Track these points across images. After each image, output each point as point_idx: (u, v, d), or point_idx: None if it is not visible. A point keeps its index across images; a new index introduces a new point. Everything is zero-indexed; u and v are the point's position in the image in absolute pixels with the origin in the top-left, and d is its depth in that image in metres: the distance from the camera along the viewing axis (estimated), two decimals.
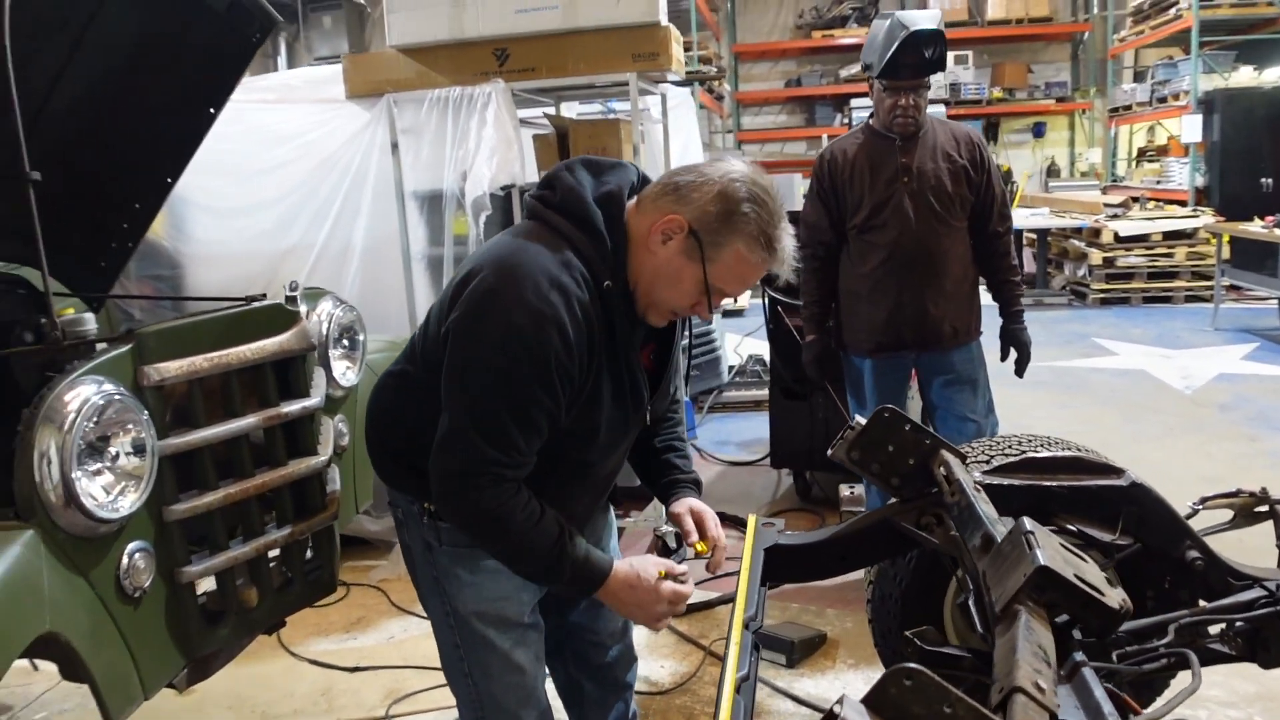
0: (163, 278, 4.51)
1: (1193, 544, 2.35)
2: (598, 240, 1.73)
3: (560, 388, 1.68)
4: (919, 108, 3.40)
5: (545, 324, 1.63)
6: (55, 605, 1.59)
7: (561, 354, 1.65)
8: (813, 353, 3.76)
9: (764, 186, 1.75)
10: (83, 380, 1.74)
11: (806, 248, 3.62)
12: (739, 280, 1.79)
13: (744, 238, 1.72)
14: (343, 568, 4.22)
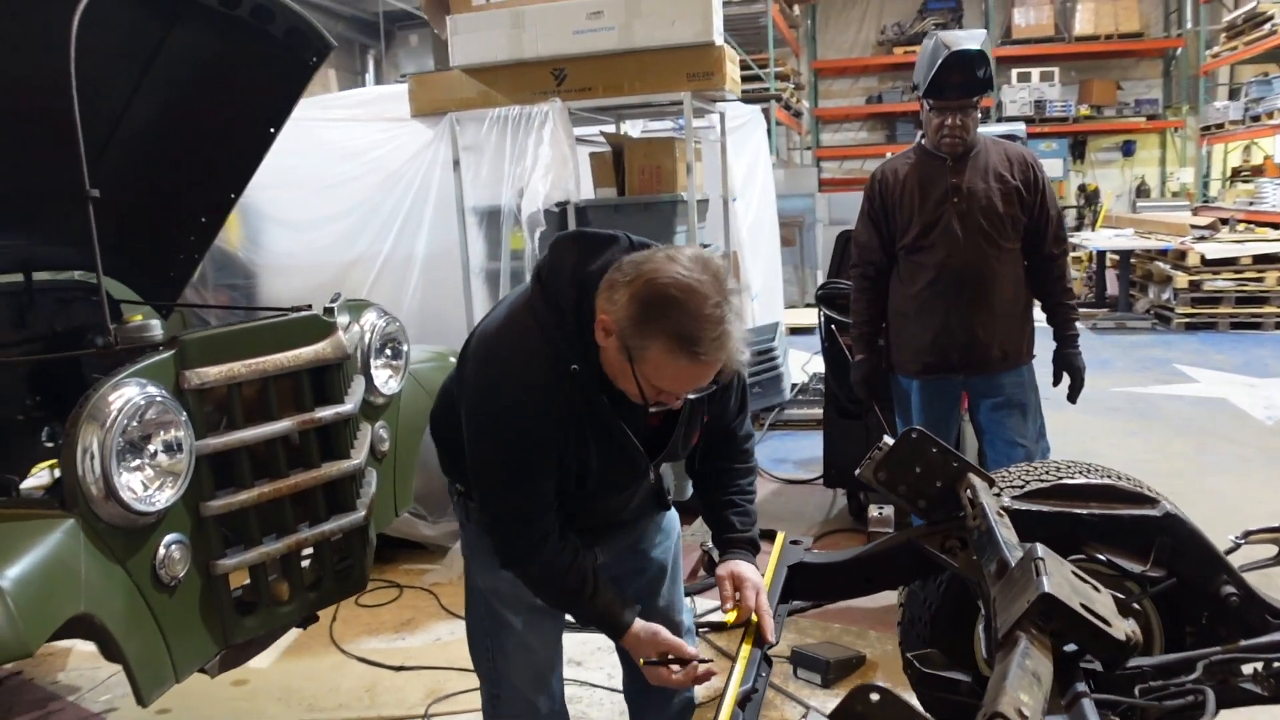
0: (237, 286, 4.71)
1: (1229, 579, 2.28)
2: (565, 328, 1.79)
3: (544, 453, 1.83)
4: (966, 128, 3.38)
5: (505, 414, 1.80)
6: (91, 589, 1.72)
7: (541, 436, 1.80)
8: (861, 372, 3.75)
9: (688, 285, 1.65)
10: (126, 382, 1.87)
11: (857, 267, 3.67)
12: (673, 380, 1.74)
13: (661, 340, 1.66)
14: (397, 570, 4.39)
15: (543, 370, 1.78)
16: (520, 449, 1.81)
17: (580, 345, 1.79)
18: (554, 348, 1.78)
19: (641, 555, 2.27)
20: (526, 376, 1.78)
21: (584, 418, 1.83)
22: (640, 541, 2.26)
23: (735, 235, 6.67)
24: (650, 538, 2.28)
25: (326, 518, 2.27)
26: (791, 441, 6.45)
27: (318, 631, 3.86)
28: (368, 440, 2.44)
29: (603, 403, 1.82)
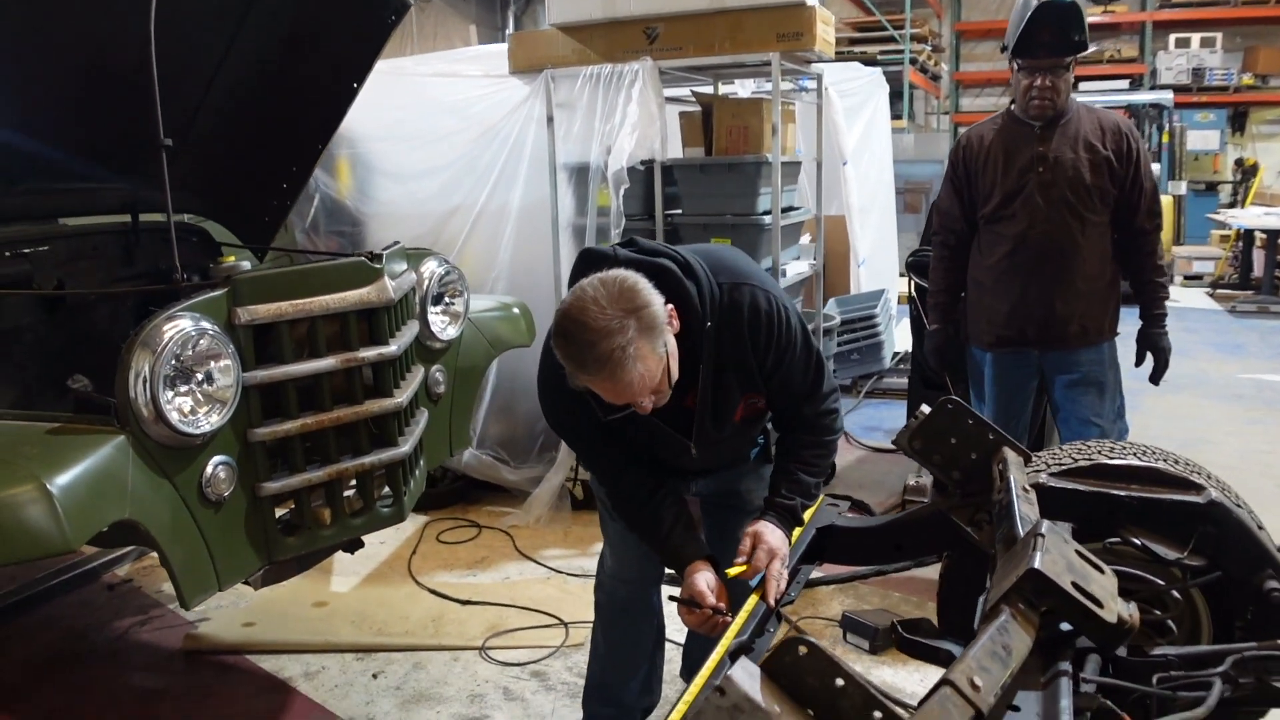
0: (344, 233, 4.95)
1: (1275, 574, 2.18)
2: None
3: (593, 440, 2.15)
4: (1057, 90, 3.24)
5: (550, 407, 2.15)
6: (137, 498, 1.91)
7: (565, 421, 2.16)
8: (935, 342, 3.70)
9: (573, 318, 1.78)
10: (180, 315, 2.04)
11: (938, 235, 3.62)
12: (601, 394, 1.88)
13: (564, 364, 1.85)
14: (480, 511, 4.59)
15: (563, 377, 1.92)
16: (567, 435, 2.29)
17: None
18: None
19: (735, 494, 2.50)
20: (557, 374, 1.94)
21: (611, 413, 2.00)
22: (735, 482, 2.48)
23: (844, 200, 6.60)
24: (746, 481, 2.49)
25: (369, 451, 2.42)
26: (886, 410, 6.37)
27: (396, 563, 4.10)
28: (418, 381, 2.57)
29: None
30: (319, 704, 3.08)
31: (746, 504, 2.45)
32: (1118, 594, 1.75)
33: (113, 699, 3.14)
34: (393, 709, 3.04)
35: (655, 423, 2.06)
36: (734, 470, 2.46)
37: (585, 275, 1.88)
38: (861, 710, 1.21)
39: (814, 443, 2.30)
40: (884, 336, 6.58)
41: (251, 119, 3.04)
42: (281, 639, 3.47)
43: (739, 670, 1.25)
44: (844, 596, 3.75)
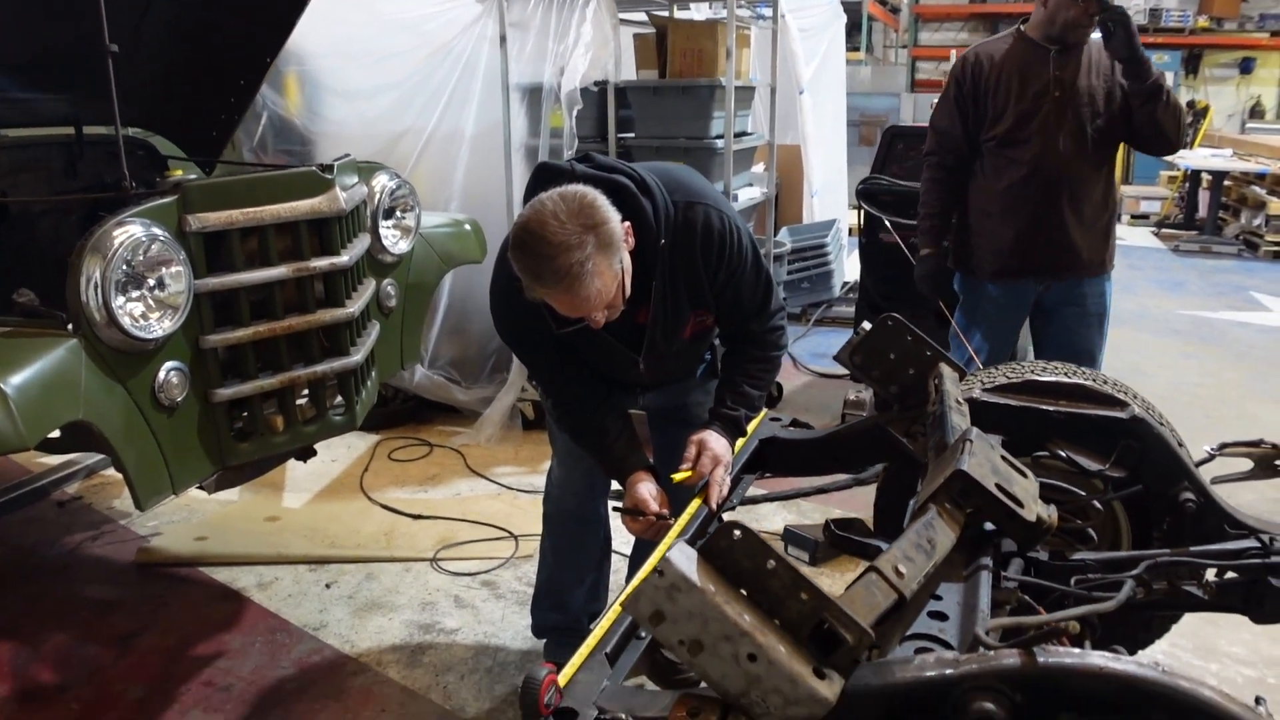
0: (293, 152, 4.88)
1: (1190, 486, 2.29)
2: None
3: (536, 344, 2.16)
4: (1090, 16, 3.07)
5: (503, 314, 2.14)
6: (90, 400, 1.93)
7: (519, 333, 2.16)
8: (926, 268, 3.53)
9: (530, 230, 1.80)
10: (130, 221, 2.04)
11: (934, 155, 3.43)
12: (555, 306, 1.92)
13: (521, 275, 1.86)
14: (431, 430, 4.63)
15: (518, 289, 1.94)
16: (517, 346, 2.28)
17: None
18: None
19: (683, 408, 2.53)
20: (511, 284, 1.95)
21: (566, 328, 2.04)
22: (683, 395, 2.53)
23: (800, 129, 6.62)
24: (693, 395, 2.53)
25: (320, 360, 2.45)
26: (834, 337, 6.47)
27: (348, 480, 4.15)
28: (369, 294, 2.60)
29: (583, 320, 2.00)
30: (273, 612, 3.14)
31: (693, 418, 2.50)
32: (1039, 498, 1.85)
33: (66, 611, 3.17)
34: (346, 616, 3.11)
35: (606, 338, 2.11)
36: (681, 385, 2.52)
37: (542, 189, 1.89)
38: (791, 589, 1.29)
39: (760, 357, 2.38)
40: (834, 266, 6.66)
41: (198, 31, 2.98)
42: (234, 551, 3.51)
43: (676, 553, 1.32)
44: (786, 512, 3.88)
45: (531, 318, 2.05)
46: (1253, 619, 2.14)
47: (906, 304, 4.41)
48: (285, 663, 2.87)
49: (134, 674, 2.82)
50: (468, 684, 2.76)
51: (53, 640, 3.00)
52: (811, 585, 1.29)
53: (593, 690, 1.45)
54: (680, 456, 2.26)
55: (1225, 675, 2.81)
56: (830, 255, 6.57)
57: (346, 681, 2.78)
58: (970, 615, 1.54)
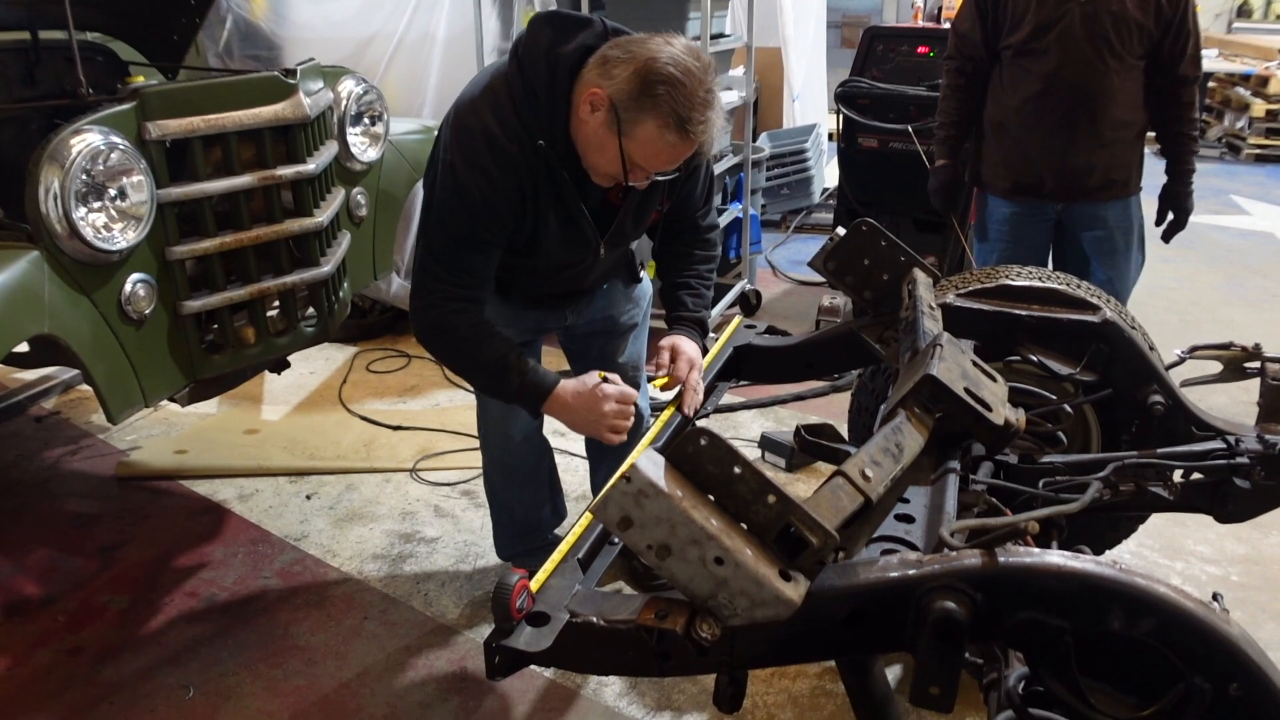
0: (260, 57, 4.75)
1: (1159, 389, 2.31)
2: (534, 101, 1.88)
3: (490, 219, 1.93)
4: None
5: (471, 169, 1.88)
6: (55, 313, 1.91)
7: (486, 192, 1.89)
8: (940, 180, 3.43)
9: (686, 68, 1.75)
10: (88, 129, 1.99)
11: (953, 60, 3.30)
12: (653, 158, 1.84)
13: (657, 117, 1.76)
14: (408, 342, 4.62)
15: (512, 139, 1.88)
16: (476, 209, 1.91)
17: (548, 122, 1.89)
18: (524, 121, 1.88)
19: (609, 320, 2.48)
20: (496, 142, 1.87)
21: (543, 192, 1.95)
22: (609, 308, 2.46)
23: (780, 31, 6.48)
24: (619, 305, 2.48)
25: (290, 270, 2.42)
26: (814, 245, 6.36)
27: (327, 392, 4.14)
28: (338, 203, 2.55)
29: (564, 178, 1.94)
30: (254, 524, 3.17)
31: (619, 327, 2.50)
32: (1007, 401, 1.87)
33: (48, 525, 3.19)
34: (327, 527, 3.14)
35: (581, 215, 2.03)
36: (608, 295, 2.46)
37: (560, 37, 1.87)
38: (757, 494, 1.30)
39: (707, 257, 2.39)
40: (814, 172, 6.62)
41: None
42: (214, 464, 3.52)
43: (644, 460, 1.33)
44: (764, 419, 3.91)
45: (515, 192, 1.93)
46: (1217, 518, 2.18)
47: (885, 210, 4.42)
48: (267, 573, 2.91)
49: (117, 586, 2.85)
50: (448, 591, 2.81)
51: (35, 554, 3.02)
52: (777, 489, 1.30)
53: (564, 595, 1.47)
54: (611, 368, 2.29)
55: (1190, 573, 2.88)
56: (810, 161, 6.52)
57: (328, 590, 2.82)
58: (936, 517, 1.57)
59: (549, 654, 1.38)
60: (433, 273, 1.98)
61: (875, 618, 1.30)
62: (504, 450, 2.49)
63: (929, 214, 4.38)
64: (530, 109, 1.89)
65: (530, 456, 2.53)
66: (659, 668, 1.36)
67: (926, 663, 1.24)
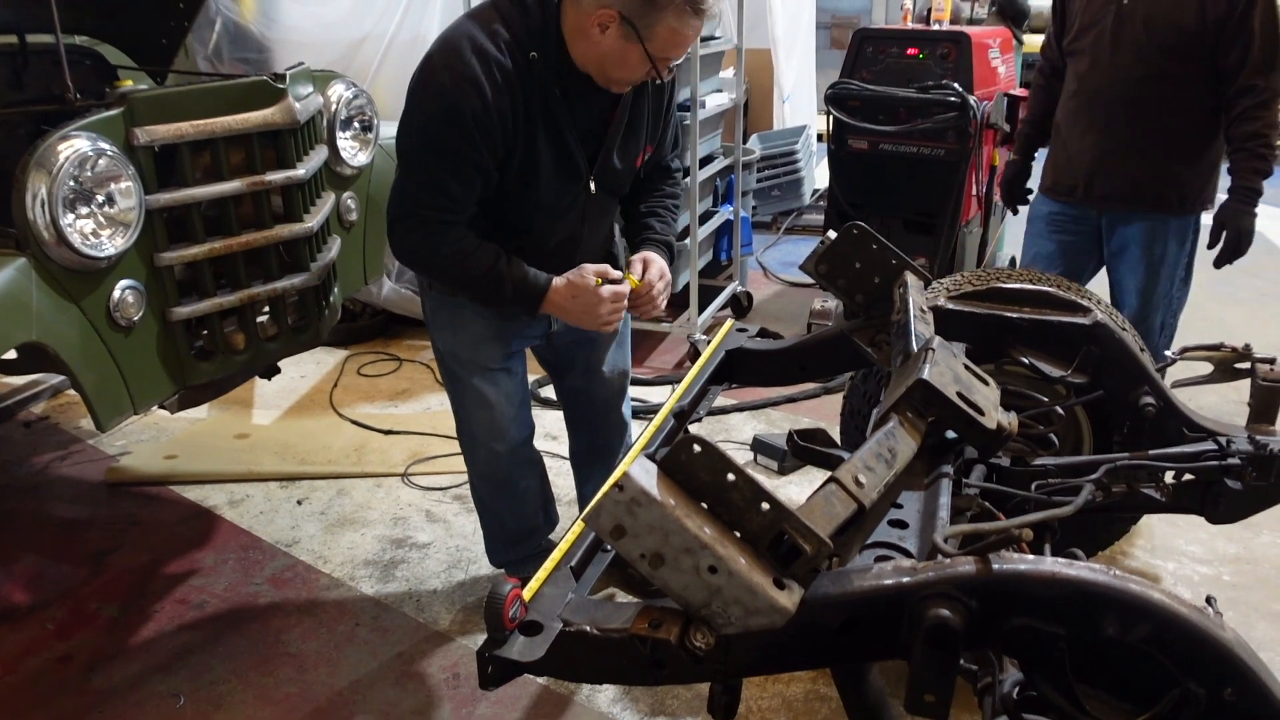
0: (250, 60, 4.74)
1: (1150, 390, 2.31)
2: (527, 16, 1.89)
3: (481, 141, 1.88)
4: None
5: (462, 83, 1.82)
6: (43, 321, 1.89)
7: (478, 110, 1.84)
8: (1008, 174, 3.48)
9: None
10: (76, 134, 1.98)
11: (1040, 59, 3.33)
12: (678, 46, 1.91)
13: (671, 12, 1.82)
14: (400, 345, 4.61)
15: (503, 52, 1.88)
16: (467, 128, 1.85)
17: (540, 34, 1.91)
18: (514, 35, 1.89)
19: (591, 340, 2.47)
20: (488, 55, 1.86)
21: (535, 110, 1.94)
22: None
23: (769, 32, 6.48)
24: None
25: (279, 276, 2.41)
26: (805, 246, 6.40)
27: (318, 396, 4.13)
28: (328, 207, 2.54)
29: (555, 95, 1.94)
30: (245, 529, 3.16)
31: (599, 341, 2.50)
32: (999, 405, 1.87)
33: (37, 531, 3.17)
34: (318, 532, 3.13)
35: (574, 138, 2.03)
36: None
37: None
38: (751, 501, 1.29)
39: (673, 193, 2.43)
40: (804, 173, 6.62)
41: None
42: (204, 469, 3.51)
43: (636, 468, 1.32)
44: (755, 422, 3.91)
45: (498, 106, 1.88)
46: (1209, 519, 2.19)
47: (876, 212, 4.41)
48: (258, 579, 2.89)
49: (108, 592, 2.83)
50: (440, 597, 2.80)
51: (25, 560, 3.01)
52: (771, 496, 1.30)
53: (557, 603, 1.46)
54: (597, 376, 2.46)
55: (1182, 574, 2.89)
56: (800, 162, 6.52)
57: (320, 597, 2.81)
58: (930, 523, 1.56)
59: (542, 663, 1.37)
60: (413, 197, 1.95)
61: (870, 625, 1.29)
62: (491, 465, 2.46)
63: (919, 215, 4.40)
64: (521, 22, 1.90)
65: (519, 468, 2.49)
66: (653, 677, 1.35)
67: (921, 670, 1.23)
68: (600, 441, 2.70)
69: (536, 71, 1.90)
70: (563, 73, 1.94)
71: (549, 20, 1.89)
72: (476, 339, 2.25)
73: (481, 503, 2.60)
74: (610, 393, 2.61)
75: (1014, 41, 5.02)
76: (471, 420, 2.40)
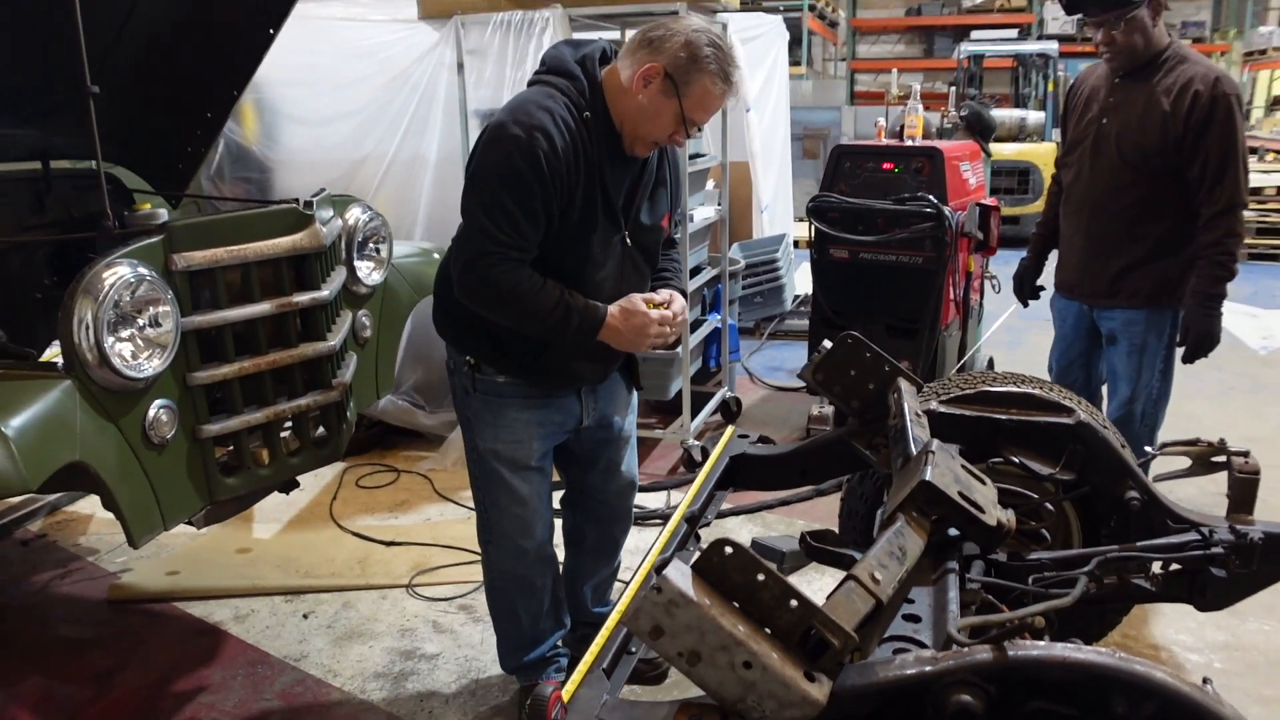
0: (252, 180, 4.90)
1: (1134, 485, 2.42)
2: (577, 83, 2.20)
3: (551, 183, 2.11)
4: (1113, 41, 3.12)
5: (534, 132, 2.08)
6: (85, 441, 1.97)
7: (549, 154, 2.08)
8: (1017, 269, 3.79)
9: (719, 36, 2.15)
10: (119, 262, 2.10)
11: (1055, 169, 3.63)
12: (705, 109, 2.20)
13: (708, 75, 2.13)
14: (396, 456, 4.67)
15: (564, 109, 2.15)
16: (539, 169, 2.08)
17: (590, 99, 2.20)
18: (571, 98, 2.18)
19: (615, 425, 2.64)
20: (555, 112, 2.13)
21: (590, 162, 2.19)
22: (614, 409, 2.62)
23: (747, 146, 6.77)
24: (622, 408, 2.65)
25: (303, 393, 2.51)
26: (788, 351, 6.63)
27: (318, 509, 4.17)
28: (346, 326, 2.66)
29: (604, 151, 2.21)
30: (252, 645, 3.17)
31: (621, 434, 2.68)
32: (997, 503, 1.98)
33: (40, 651, 3.16)
34: (326, 646, 3.15)
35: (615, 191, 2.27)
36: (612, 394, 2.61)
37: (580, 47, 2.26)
38: (780, 600, 1.38)
39: (676, 257, 2.68)
40: (785, 280, 6.83)
41: (165, 64, 3.02)
42: (208, 585, 3.53)
43: (673, 570, 1.41)
44: (753, 525, 3.99)
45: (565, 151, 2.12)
46: (1197, 607, 2.27)
47: (858, 318, 4.57)
48: (269, 695, 2.90)
49: (115, 713, 2.83)
50: (452, 707, 2.81)
51: (28, 681, 2.99)
52: (800, 594, 1.39)
53: (594, 704, 1.53)
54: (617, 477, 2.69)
55: (1174, 662, 2.96)
56: (781, 269, 6.74)
57: (331, 711, 2.82)
58: (942, 615, 1.65)
59: None
60: (492, 237, 2.11)
61: (896, 714, 1.37)
62: (517, 561, 2.54)
63: (900, 320, 4.57)
64: (573, 88, 2.19)
65: (541, 566, 2.59)
66: None
67: None
68: (609, 536, 2.85)
69: (591, 129, 2.17)
70: (609, 131, 2.21)
71: (594, 85, 2.20)
72: (518, 436, 2.41)
73: (498, 605, 2.66)
74: (624, 491, 2.78)
75: (982, 153, 5.28)
76: (503, 518, 2.52)
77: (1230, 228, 3.09)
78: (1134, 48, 3.12)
